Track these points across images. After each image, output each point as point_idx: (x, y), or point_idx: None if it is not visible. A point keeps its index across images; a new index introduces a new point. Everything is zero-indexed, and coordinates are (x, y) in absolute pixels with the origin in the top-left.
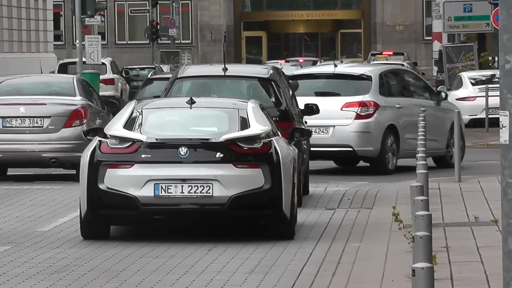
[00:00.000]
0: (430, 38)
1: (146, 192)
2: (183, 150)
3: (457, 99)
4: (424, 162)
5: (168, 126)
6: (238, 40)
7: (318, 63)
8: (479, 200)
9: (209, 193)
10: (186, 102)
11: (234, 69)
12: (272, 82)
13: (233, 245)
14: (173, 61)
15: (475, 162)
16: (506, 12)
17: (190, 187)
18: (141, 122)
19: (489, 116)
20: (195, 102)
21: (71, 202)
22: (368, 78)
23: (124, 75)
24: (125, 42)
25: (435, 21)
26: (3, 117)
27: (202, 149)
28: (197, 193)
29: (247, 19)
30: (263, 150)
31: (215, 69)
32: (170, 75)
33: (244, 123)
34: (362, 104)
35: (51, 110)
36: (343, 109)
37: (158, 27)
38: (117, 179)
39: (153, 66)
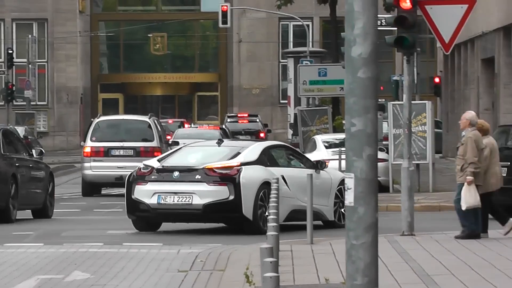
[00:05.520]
0: (286, 101)
1: (153, 200)
2: (175, 174)
3: None
4: (276, 224)
5: (187, 158)
6: (94, 102)
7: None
8: (330, 262)
9: (189, 201)
10: (216, 142)
11: None
12: None
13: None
14: (29, 123)
15: None
16: (352, 76)
17: (179, 197)
18: (175, 155)
19: None
20: (223, 141)
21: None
22: None
23: None
24: None
25: (289, 85)
26: None
27: (187, 173)
28: (183, 201)
29: (104, 81)
30: (232, 174)
31: None
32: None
33: (234, 157)
34: None
35: None
36: None
37: (14, 89)
38: (140, 192)
39: (8, 127)
